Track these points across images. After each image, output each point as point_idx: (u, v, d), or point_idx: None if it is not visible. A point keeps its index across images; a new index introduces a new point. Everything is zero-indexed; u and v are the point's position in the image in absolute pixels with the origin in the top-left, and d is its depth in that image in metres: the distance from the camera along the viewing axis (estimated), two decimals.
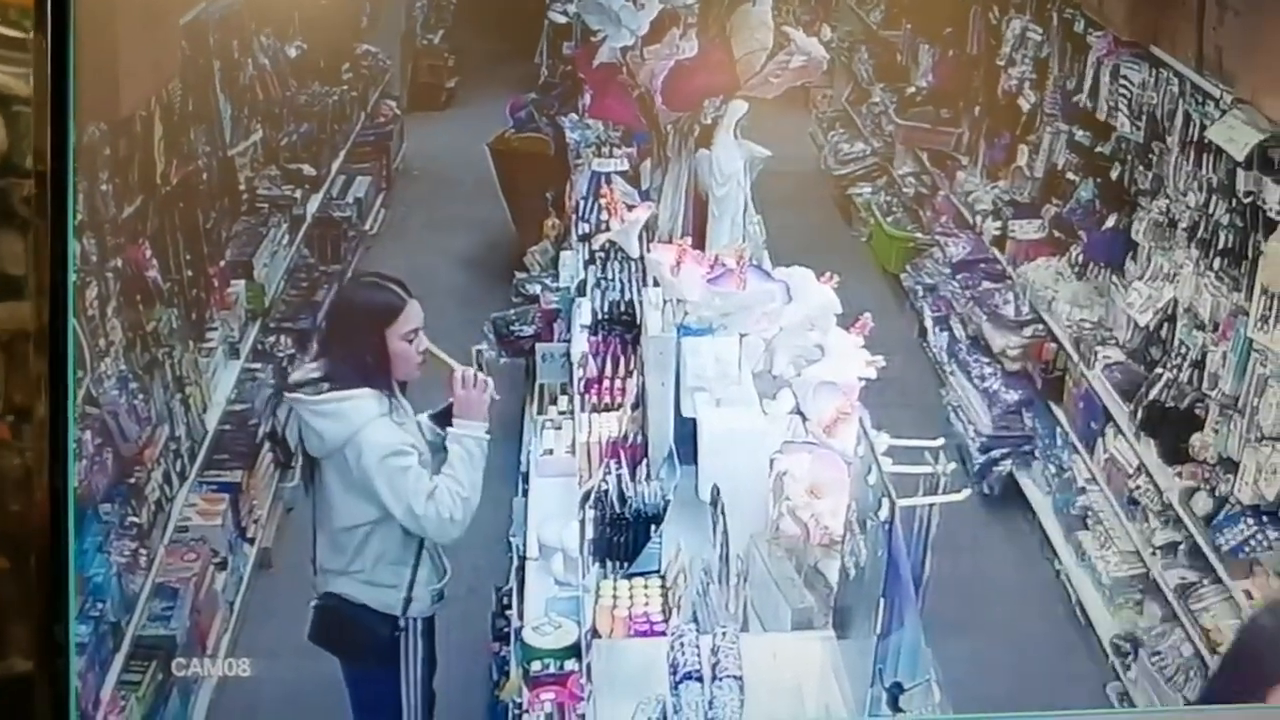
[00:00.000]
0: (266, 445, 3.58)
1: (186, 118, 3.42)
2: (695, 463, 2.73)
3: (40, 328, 2.29)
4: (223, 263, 3.66)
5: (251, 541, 3.50)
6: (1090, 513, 3.76)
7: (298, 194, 3.99)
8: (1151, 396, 3.57)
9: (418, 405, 2.85)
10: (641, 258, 3.11)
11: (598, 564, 2.61)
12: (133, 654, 2.93)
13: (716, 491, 2.59)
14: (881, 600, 2.11)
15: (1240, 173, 3.24)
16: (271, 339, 3.82)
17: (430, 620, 2.87)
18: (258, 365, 3.72)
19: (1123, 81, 3.74)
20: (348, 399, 2.71)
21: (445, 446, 2.80)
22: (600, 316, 3.26)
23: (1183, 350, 3.52)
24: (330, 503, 2.76)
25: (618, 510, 2.65)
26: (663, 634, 2.40)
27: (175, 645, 3.03)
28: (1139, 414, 3.59)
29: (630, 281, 3.32)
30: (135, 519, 3.03)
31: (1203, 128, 3.40)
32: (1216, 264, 3.39)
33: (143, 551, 3.04)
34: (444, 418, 2.86)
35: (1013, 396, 4.03)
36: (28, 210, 2.30)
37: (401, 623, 2.82)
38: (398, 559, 2.79)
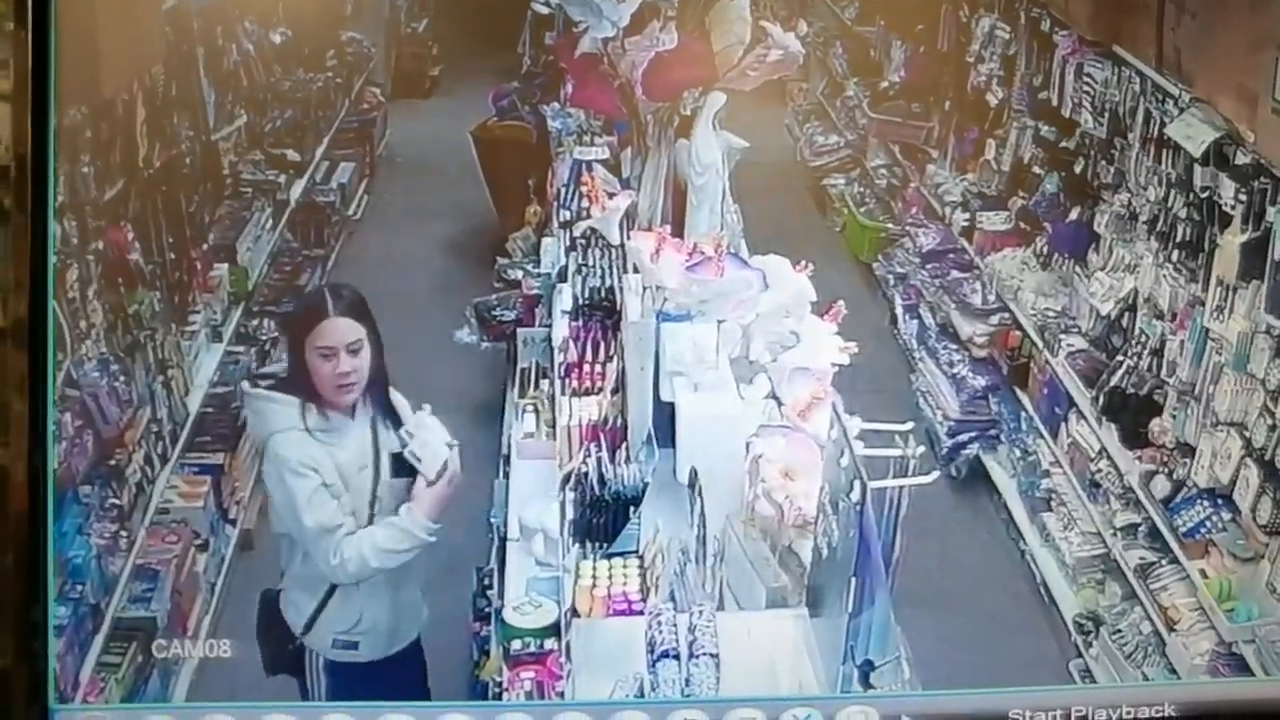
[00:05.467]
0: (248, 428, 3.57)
1: (169, 102, 3.37)
2: (673, 446, 2.76)
3: (18, 312, 2.26)
4: (205, 246, 3.60)
5: (233, 523, 3.46)
6: (1054, 495, 3.79)
7: (281, 179, 3.93)
8: (1113, 383, 3.61)
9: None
10: (622, 245, 3.10)
11: (577, 545, 2.62)
12: (112, 636, 2.88)
13: (694, 474, 2.63)
14: (853, 579, 2.14)
15: (1197, 168, 3.28)
16: (254, 323, 3.76)
17: (340, 666, 2.64)
18: (240, 348, 3.66)
19: (1086, 79, 3.77)
20: (270, 400, 2.57)
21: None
22: (581, 302, 3.25)
23: (1142, 339, 3.56)
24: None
25: (597, 492, 2.66)
26: (641, 613, 2.43)
27: (156, 627, 3.00)
28: (1100, 400, 3.62)
29: (610, 268, 3.29)
30: (116, 501, 3.00)
31: (1162, 125, 3.43)
32: (1175, 256, 3.43)
33: (123, 533, 3.00)
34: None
35: (980, 382, 4.04)
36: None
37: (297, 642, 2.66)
38: (309, 585, 2.64)
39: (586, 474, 2.67)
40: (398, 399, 2.67)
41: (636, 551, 2.58)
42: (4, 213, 2.30)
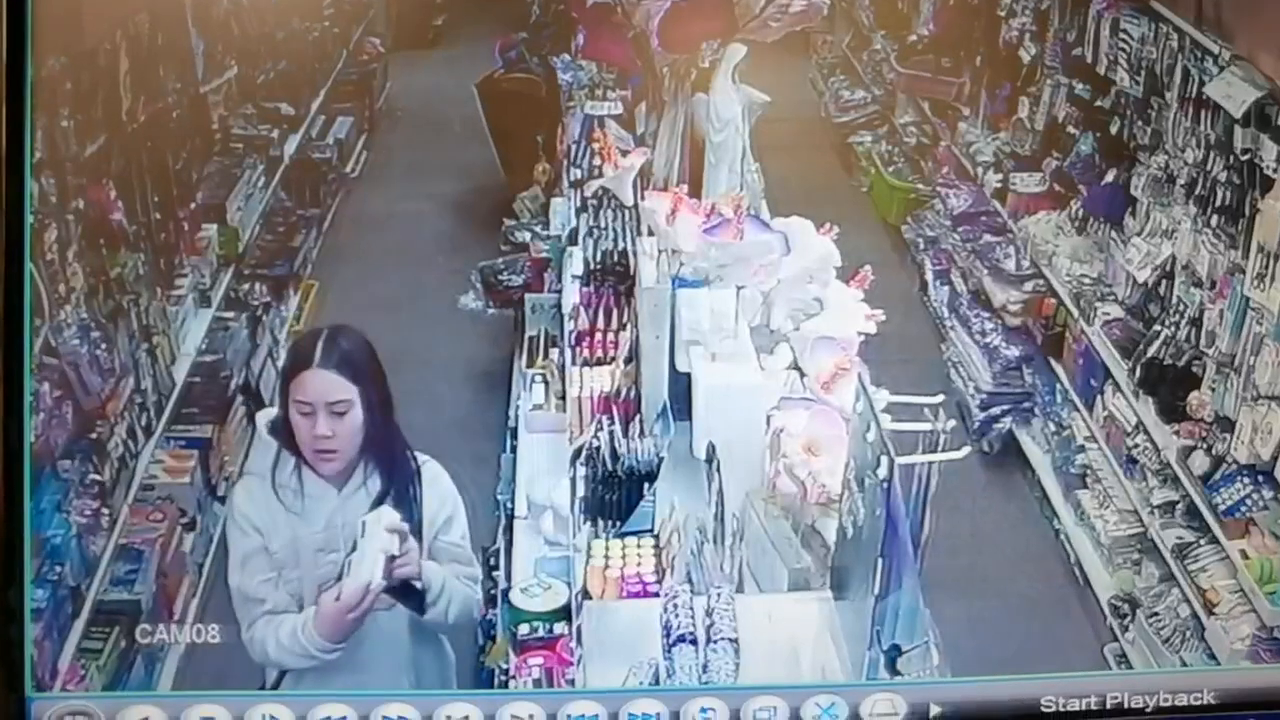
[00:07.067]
0: (239, 398, 3.47)
1: (155, 52, 3.27)
2: (690, 419, 2.73)
3: None
4: (193, 205, 3.51)
5: (222, 500, 3.33)
6: (1089, 471, 3.75)
7: (275, 134, 3.86)
8: (1150, 354, 3.56)
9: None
10: (635, 205, 3.07)
11: (589, 523, 2.59)
12: (93, 620, 2.79)
13: (712, 449, 2.59)
14: (879, 560, 2.10)
15: (1238, 130, 3.21)
16: (245, 286, 3.68)
17: None
18: (230, 314, 3.57)
19: (1122, 35, 3.70)
20: (259, 434, 2.33)
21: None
22: (592, 267, 3.22)
23: (1180, 307, 3.51)
24: None
25: (610, 467, 2.63)
26: (656, 595, 2.40)
27: (140, 611, 2.92)
28: (1138, 371, 3.58)
29: (624, 230, 3.26)
30: (97, 476, 2.90)
31: (1201, 84, 3.36)
32: (1214, 221, 3.37)
33: (105, 511, 2.91)
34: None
35: (1013, 352, 4.00)
36: None
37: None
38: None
39: (598, 448, 2.65)
40: (436, 491, 2.38)
41: (651, 530, 2.55)
42: None
